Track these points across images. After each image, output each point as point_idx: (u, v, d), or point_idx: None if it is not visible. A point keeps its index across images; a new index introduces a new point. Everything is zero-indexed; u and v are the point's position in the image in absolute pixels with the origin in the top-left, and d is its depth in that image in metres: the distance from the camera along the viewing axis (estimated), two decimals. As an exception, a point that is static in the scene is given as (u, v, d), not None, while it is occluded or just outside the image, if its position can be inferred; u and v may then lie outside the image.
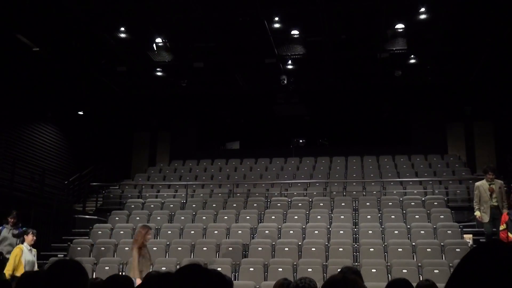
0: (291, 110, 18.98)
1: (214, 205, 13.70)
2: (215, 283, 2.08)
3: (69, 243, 11.90)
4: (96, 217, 14.20)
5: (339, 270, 4.28)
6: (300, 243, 10.81)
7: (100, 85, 17.78)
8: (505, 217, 9.36)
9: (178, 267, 8.95)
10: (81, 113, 18.59)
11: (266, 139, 20.69)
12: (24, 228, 9.70)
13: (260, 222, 12.26)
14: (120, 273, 10.02)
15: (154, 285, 1.78)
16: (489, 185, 10.27)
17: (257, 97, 19.13)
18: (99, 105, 19.03)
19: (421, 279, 8.81)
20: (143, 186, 16.12)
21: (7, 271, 8.85)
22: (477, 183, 10.52)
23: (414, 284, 4.51)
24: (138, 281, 8.01)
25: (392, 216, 11.94)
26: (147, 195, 15.53)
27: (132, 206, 14.15)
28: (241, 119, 21.05)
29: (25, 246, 9.15)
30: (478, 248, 0.89)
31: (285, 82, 16.57)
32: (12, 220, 9.92)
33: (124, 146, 20.85)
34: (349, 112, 19.64)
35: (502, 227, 9.29)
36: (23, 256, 9.05)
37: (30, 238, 9.24)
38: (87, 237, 12.32)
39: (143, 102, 19.81)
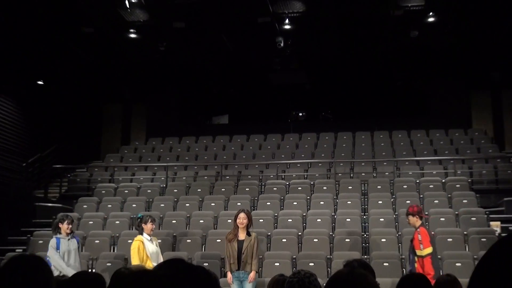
0: (289, 77, 18.93)
1: (199, 190, 13.73)
2: (200, 280, 2.09)
3: (29, 235, 11.91)
4: (60, 205, 14.20)
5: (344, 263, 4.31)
6: (300, 234, 10.88)
7: (63, 49, 17.60)
8: (424, 234, 8.24)
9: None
10: (40, 82, 18.44)
11: (259, 112, 20.64)
12: (140, 216, 9.15)
13: (253, 210, 12.31)
14: (90, 270, 10.07)
15: (127, 285, 1.77)
16: None
17: (249, 62, 19.04)
18: (61, 73, 18.88)
19: (441, 273, 8.92)
20: (115, 169, 16.11)
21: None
22: None
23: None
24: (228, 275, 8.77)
25: (407, 201, 11.99)
26: (120, 178, 15.53)
27: (103, 191, 14.16)
28: (230, 88, 20.96)
29: (144, 237, 8.81)
30: (508, 237, 0.89)
31: (282, 45, 16.47)
32: (69, 226, 9.05)
33: (93, 121, 20.77)
34: (356, 80, 19.60)
35: (427, 250, 8.15)
36: (146, 247, 8.72)
37: (149, 226, 8.88)
38: (50, 229, 12.31)
39: (114, 69, 19.67)
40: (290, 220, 11.50)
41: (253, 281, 8.75)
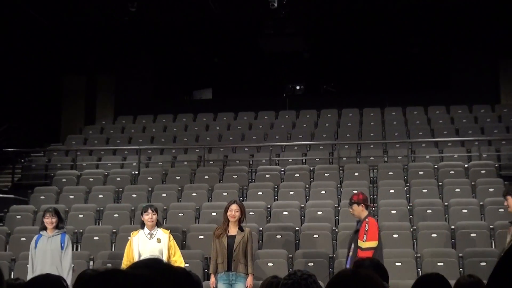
0: (284, 44, 18.85)
1: (178, 177, 13.73)
2: (181, 283, 2.10)
3: (-24, 232, 11.90)
4: (12, 196, 14.16)
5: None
6: (297, 228, 10.92)
7: (13, 9, 17.46)
8: (374, 225, 8.49)
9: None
10: (-13, 50, 18.29)
11: (249, 86, 20.57)
12: (145, 206, 9.16)
13: (242, 201, 12.32)
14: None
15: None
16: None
17: (237, 26, 18.94)
18: (12, 39, 18.72)
19: (462, 274, 8.98)
20: (78, 152, 16.06)
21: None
22: None
23: (453, 282, 4.60)
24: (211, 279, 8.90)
25: (423, 190, 12.06)
26: (84, 164, 15.49)
27: (63, 180, 14.12)
28: (214, 57, 20.87)
29: (142, 232, 8.79)
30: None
31: (276, 5, 16.41)
32: (49, 220, 8.96)
33: (50, 96, 20.65)
34: (364, 46, 19.56)
35: (370, 244, 8.34)
36: (134, 245, 8.73)
37: (145, 218, 8.79)
38: (1, 224, 12.32)
39: (75, 34, 19.53)
40: (286, 213, 11.52)
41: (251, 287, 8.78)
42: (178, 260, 8.74)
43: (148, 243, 8.77)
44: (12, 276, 9.61)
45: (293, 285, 3.13)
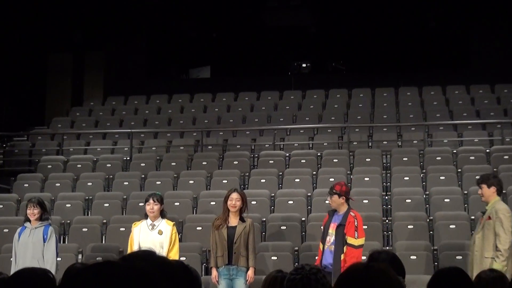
0: (289, 17, 18.81)
1: (173, 163, 13.73)
2: (179, 277, 2.10)
3: (-46, 223, 11.92)
4: (-6, 183, 14.21)
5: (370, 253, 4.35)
6: (303, 219, 10.93)
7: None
8: (361, 221, 8.67)
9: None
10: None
11: (251, 63, 20.52)
12: (148, 195, 9.19)
13: (244, 189, 12.32)
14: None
15: (83, 283, 1.75)
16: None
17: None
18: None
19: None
20: (65, 136, 16.06)
21: None
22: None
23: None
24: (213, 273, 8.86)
25: (441, 177, 12.04)
26: (71, 149, 15.50)
27: (49, 166, 14.13)
28: (212, 32, 20.82)
29: (144, 223, 8.85)
30: None
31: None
32: (29, 211, 8.98)
33: (34, 75, 20.62)
34: (377, 21, 19.50)
35: (361, 241, 8.40)
36: (135, 236, 8.79)
37: (147, 208, 8.85)
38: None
39: (61, 7, 19.49)
40: (291, 202, 11.51)
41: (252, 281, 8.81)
42: (172, 257, 8.73)
43: (149, 235, 8.78)
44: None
45: (301, 280, 3.11)
